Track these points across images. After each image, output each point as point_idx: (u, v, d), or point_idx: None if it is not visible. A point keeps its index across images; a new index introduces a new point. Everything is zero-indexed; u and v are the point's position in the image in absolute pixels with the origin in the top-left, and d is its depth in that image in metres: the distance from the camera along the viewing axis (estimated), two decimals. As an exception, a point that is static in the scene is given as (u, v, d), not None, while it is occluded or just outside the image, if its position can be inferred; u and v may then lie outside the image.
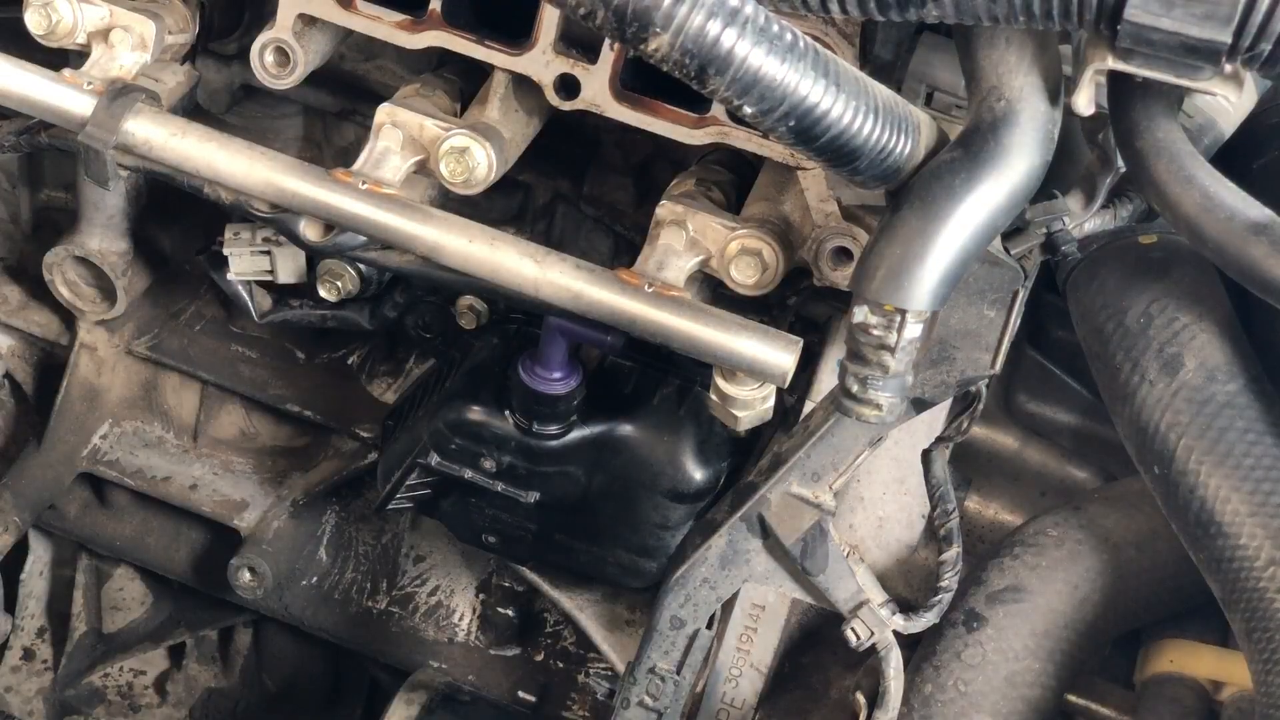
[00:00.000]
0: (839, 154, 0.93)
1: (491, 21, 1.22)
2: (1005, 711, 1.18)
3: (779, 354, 1.14)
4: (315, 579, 1.61)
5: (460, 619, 1.61)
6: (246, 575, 1.54)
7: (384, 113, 1.21)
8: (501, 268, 1.17)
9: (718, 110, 1.18)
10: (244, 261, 1.37)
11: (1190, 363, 1.10)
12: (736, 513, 1.20)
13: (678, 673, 1.23)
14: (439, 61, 1.33)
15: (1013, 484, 1.42)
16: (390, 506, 1.39)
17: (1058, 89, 0.98)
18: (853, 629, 1.18)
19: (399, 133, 1.21)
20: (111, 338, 1.57)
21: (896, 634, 1.18)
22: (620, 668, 1.38)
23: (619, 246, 1.47)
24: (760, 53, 0.85)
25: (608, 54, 1.18)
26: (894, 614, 1.18)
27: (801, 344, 1.15)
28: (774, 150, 1.19)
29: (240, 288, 1.44)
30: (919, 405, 1.14)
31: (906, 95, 1.15)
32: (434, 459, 1.33)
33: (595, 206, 1.45)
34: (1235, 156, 1.13)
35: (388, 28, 1.21)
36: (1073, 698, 1.26)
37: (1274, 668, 1.02)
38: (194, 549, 1.66)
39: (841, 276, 1.20)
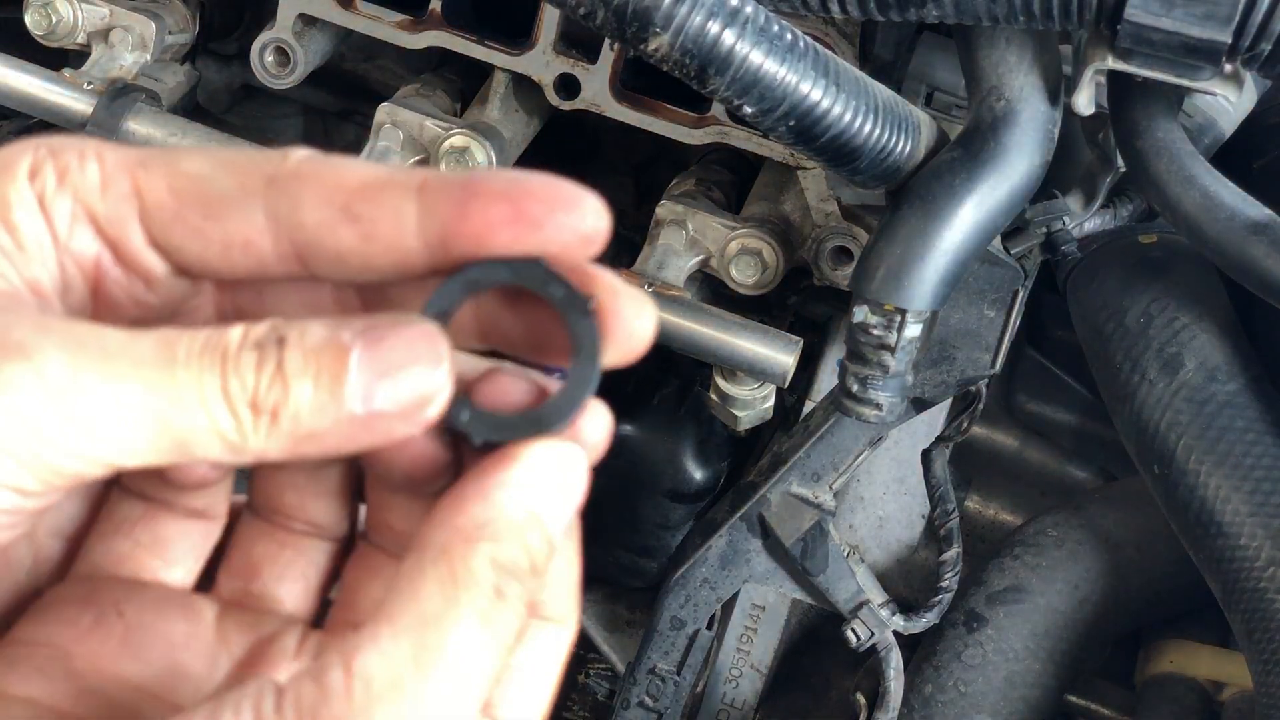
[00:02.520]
0: (839, 154, 0.93)
1: (491, 21, 1.22)
2: (1005, 712, 1.18)
3: (779, 354, 1.14)
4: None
5: (460, 619, 1.61)
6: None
7: (384, 112, 1.21)
8: (501, 268, 1.17)
9: (718, 110, 1.18)
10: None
11: (1190, 363, 1.10)
12: (736, 513, 1.20)
13: (678, 673, 1.23)
14: (439, 61, 1.33)
15: (1013, 484, 1.42)
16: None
17: (1058, 89, 0.98)
18: (853, 629, 1.18)
19: (399, 132, 1.21)
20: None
21: (896, 634, 1.18)
22: (620, 668, 1.38)
23: (619, 246, 1.47)
24: (760, 53, 0.85)
25: (608, 54, 1.18)
26: (894, 614, 1.18)
27: (801, 344, 1.15)
28: (774, 150, 1.19)
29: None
30: (919, 405, 1.14)
31: (906, 95, 1.15)
32: (434, 459, 1.33)
33: (595, 206, 1.46)
34: (1235, 156, 1.13)
35: (388, 28, 1.21)
36: (1073, 698, 1.26)
37: (1274, 668, 1.02)
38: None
39: (841, 276, 1.20)
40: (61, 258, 0.49)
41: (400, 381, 0.46)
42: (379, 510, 0.54)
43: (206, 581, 0.55)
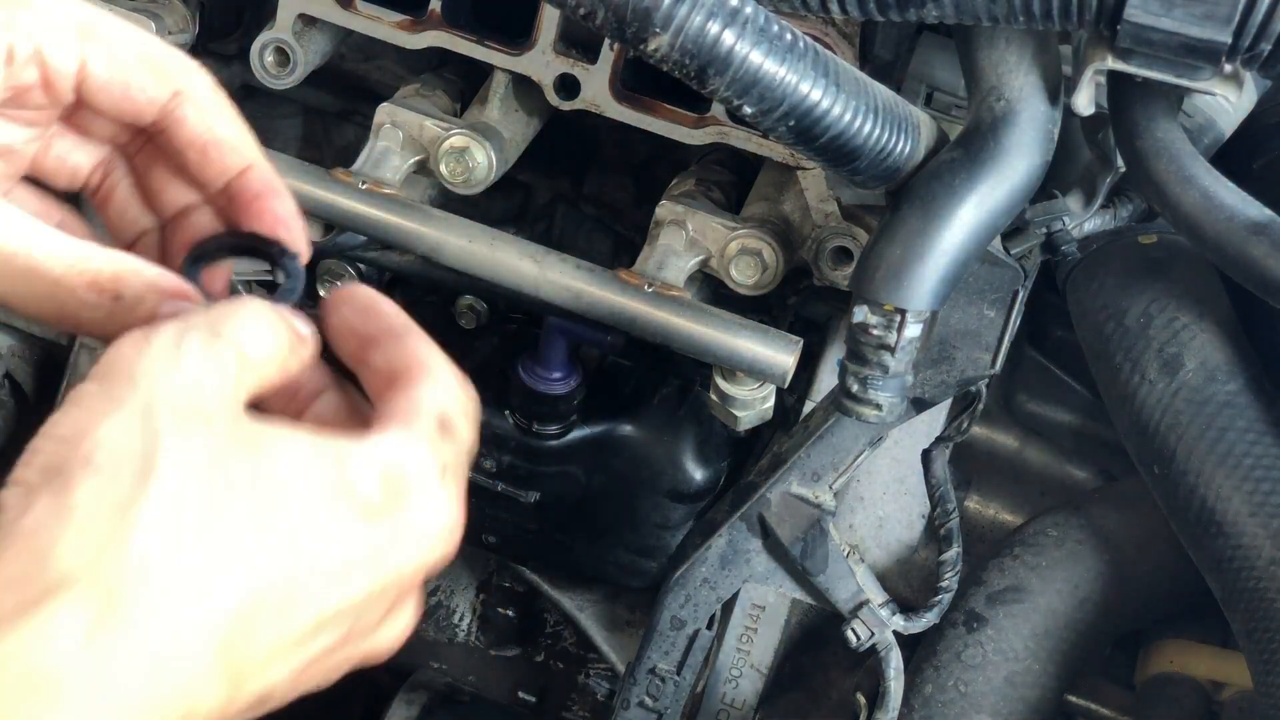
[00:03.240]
0: (839, 154, 0.93)
1: (491, 21, 1.22)
2: (1005, 712, 1.18)
3: (779, 354, 1.14)
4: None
5: (460, 619, 1.61)
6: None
7: (384, 112, 1.21)
8: (501, 268, 1.17)
9: (718, 110, 1.18)
10: (243, 262, 1.36)
11: (1190, 363, 1.10)
12: (736, 513, 1.20)
13: (678, 673, 1.23)
14: (439, 61, 1.33)
15: (1013, 484, 1.42)
16: (390, 506, 1.39)
17: (1058, 89, 0.98)
18: (853, 629, 1.18)
19: (399, 132, 1.21)
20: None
21: (896, 634, 1.18)
22: (620, 668, 1.38)
23: (619, 246, 1.47)
24: (760, 53, 0.85)
25: (608, 54, 1.18)
26: (894, 614, 1.18)
27: (801, 344, 1.15)
28: (774, 150, 1.19)
29: (240, 288, 1.44)
30: (919, 405, 1.14)
31: (906, 95, 1.15)
32: (434, 459, 1.33)
33: (595, 206, 1.45)
34: (1235, 156, 1.13)
35: (388, 28, 1.21)
36: (1073, 698, 1.26)
37: (1274, 668, 1.02)
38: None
39: (841, 276, 1.20)
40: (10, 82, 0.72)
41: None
42: None
43: None
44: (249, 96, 1.47)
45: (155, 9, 1.28)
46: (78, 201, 0.80)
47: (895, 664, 1.18)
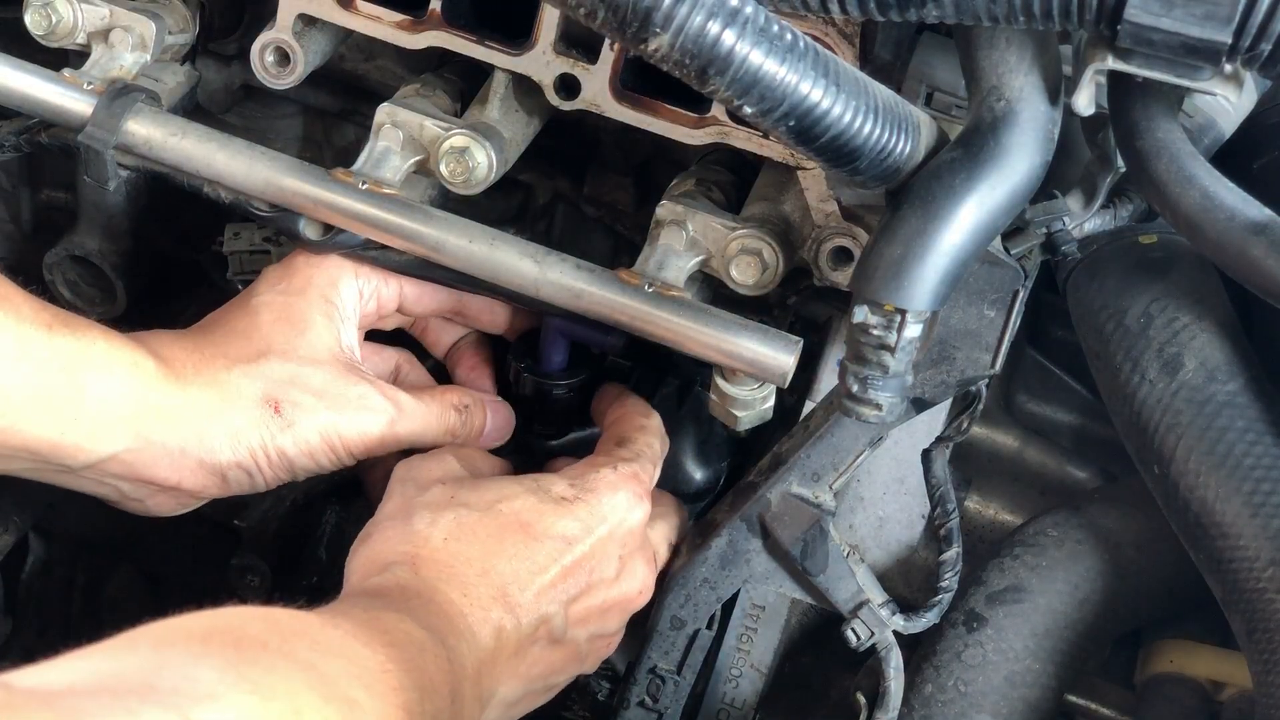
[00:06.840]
0: (839, 154, 0.93)
1: (491, 22, 1.22)
2: (1005, 712, 1.18)
3: (779, 354, 1.14)
4: (316, 579, 1.60)
5: (460, 619, 1.60)
6: (246, 575, 1.54)
7: (384, 113, 1.21)
8: (501, 268, 1.17)
9: (718, 110, 1.18)
10: (244, 261, 1.37)
11: (1190, 363, 1.10)
12: (736, 513, 1.20)
13: (678, 673, 1.24)
14: (439, 61, 1.33)
15: (1013, 484, 1.42)
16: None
17: (1058, 89, 0.98)
18: (853, 629, 1.18)
19: (399, 132, 1.21)
20: (111, 338, 1.57)
21: (896, 634, 1.18)
22: (620, 668, 1.38)
23: (619, 246, 1.47)
24: (760, 53, 0.85)
25: (608, 54, 1.18)
26: (894, 614, 1.18)
27: (802, 344, 1.15)
28: (774, 150, 1.19)
29: (240, 287, 1.44)
30: (919, 405, 1.14)
31: (906, 95, 1.15)
32: (434, 459, 1.33)
33: (595, 206, 1.45)
34: (1235, 156, 1.13)
35: (388, 28, 1.21)
36: (1073, 698, 1.26)
37: (1274, 668, 1.02)
38: (194, 549, 1.66)
39: (841, 276, 1.20)
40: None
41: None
42: None
43: None
44: (249, 96, 1.47)
45: (155, 9, 1.28)
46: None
47: (895, 664, 1.18)
